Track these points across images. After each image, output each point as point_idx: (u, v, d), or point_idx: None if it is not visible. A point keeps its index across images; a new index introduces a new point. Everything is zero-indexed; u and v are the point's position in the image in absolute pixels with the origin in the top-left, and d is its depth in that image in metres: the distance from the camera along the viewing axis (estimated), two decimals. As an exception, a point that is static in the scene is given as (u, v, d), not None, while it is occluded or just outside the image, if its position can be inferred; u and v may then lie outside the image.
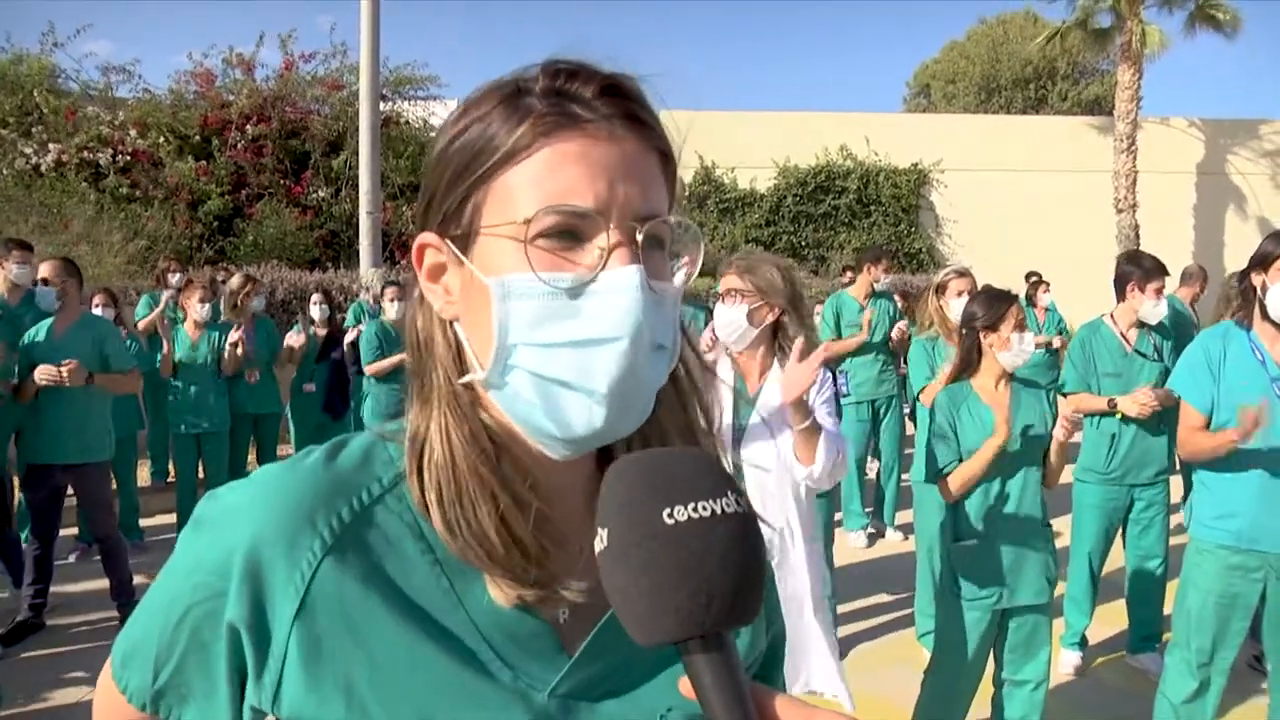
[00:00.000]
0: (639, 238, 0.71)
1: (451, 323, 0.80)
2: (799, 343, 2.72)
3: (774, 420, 2.88)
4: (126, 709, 0.85)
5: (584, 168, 0.71)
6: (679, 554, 0.55)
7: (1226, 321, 3.39)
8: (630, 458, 0.61)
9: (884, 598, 5.54)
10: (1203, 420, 3.27)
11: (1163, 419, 4.35)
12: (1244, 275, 3.29)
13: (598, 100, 0.73)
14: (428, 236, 0.79)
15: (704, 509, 0.56)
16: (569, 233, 0.71)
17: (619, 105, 0.74)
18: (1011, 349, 3.29)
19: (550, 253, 0.71)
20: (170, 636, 0.79)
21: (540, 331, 0.71)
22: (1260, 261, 3.17)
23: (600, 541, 0.58)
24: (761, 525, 0.61)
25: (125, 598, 5.09)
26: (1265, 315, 3.16)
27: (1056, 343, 8.23)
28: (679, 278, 0.78)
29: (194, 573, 0.77)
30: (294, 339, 7.13)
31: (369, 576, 0.75)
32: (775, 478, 2.90)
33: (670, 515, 0.56)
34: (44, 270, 5.15)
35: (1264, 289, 3.14)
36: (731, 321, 2.96)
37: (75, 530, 6.39)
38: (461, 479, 0.76)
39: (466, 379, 0.77)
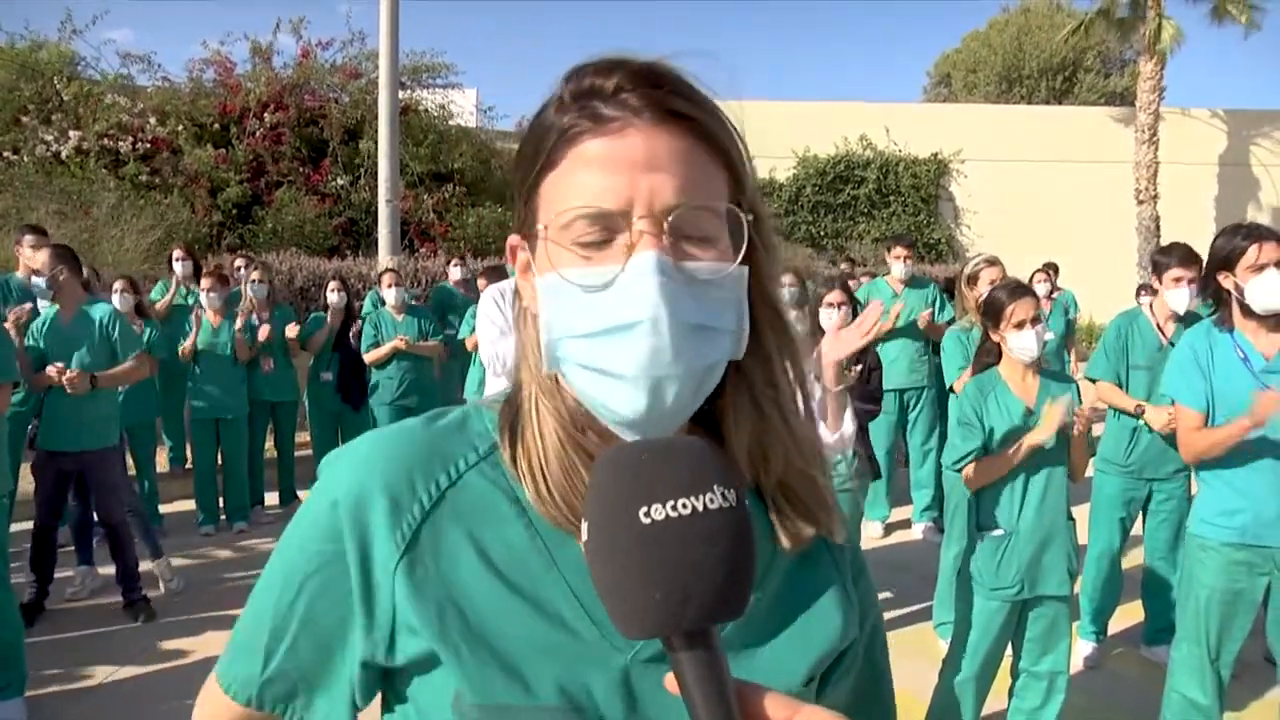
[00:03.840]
0: (665, 226, 0.73)
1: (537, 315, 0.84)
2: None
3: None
4: (229, 712, 0.87)
5: (603, 169, 0.74)
6: (654, 554, 0.56)
7: (1206, 321, 3.33)
8: (618, 448, 0.62)
9: (900, 588, 5.52)
10: (1200, 419, 3.22)
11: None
12: (1208, 280, 3.24)
13: (626, 94, 0.75)
14: (514, 238, 0.85)
15: (683, 506, 0.56)
16: (598, 231, 0.75)
17: (648, 97, 0.75)
18: (1010, 345, 3.29)
19: (583, 253, 0.75)
20: (285, 614, 0.82)
21: (577, 324, 0.75)
22: (1223, 264, 3.14)
23: (582, 534, 0.59)
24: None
25: (131, 582, 5.12)
26: (1247, 312, 3.12)
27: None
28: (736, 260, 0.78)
29: (307, 544, 0.82)
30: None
31: (464, 537, 0.80)
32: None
33: (647, 514, 0.56)
34: (39, 260, 5.02)
35: (1238, 289, 3.10)
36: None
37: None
38: (551, 448, 0.81)
39: (545, 370, 0.81)
